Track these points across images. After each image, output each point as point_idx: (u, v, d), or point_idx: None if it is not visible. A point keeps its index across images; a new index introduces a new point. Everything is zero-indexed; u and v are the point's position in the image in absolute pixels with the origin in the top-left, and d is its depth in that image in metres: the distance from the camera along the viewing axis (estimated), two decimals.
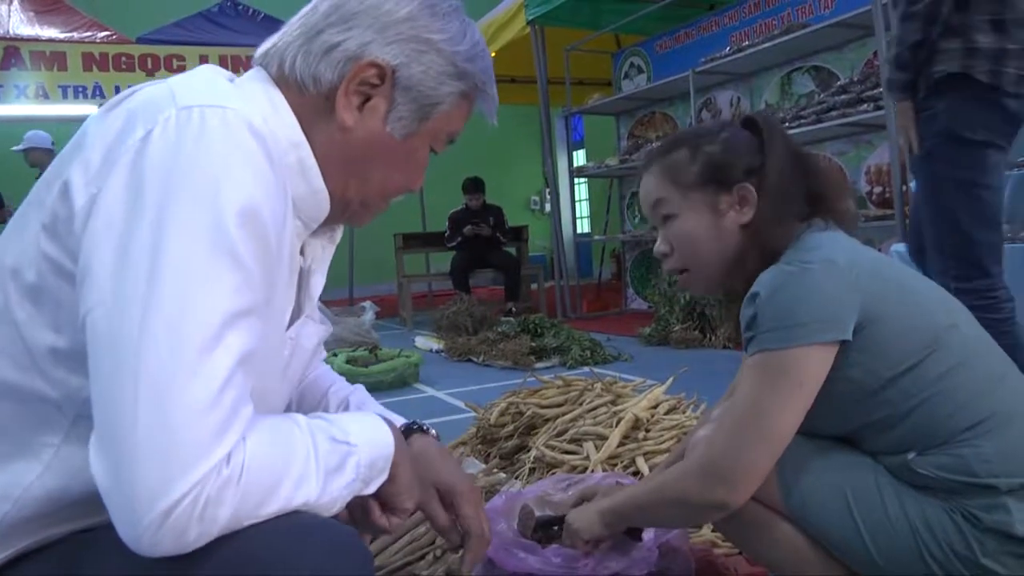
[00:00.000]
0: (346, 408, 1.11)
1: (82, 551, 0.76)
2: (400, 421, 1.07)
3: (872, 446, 1.08)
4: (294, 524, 0.71)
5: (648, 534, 1.25)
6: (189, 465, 0.64)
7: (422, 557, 1.67)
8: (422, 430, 1.04)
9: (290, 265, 0.86)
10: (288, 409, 1.02)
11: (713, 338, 4.82)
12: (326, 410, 1.10)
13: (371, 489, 0.83)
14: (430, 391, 3.92)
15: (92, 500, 0.72)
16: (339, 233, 1.00)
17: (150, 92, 0.77)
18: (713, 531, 1.66)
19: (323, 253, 0.98)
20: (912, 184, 3.38)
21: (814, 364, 1.01)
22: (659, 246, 1.22)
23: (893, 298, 1.05)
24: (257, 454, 0.70)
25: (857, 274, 1.04)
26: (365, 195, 0.94)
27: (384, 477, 0.84)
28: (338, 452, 0.78)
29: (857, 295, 1.02)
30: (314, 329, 0.99)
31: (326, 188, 0.89)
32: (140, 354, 0.65)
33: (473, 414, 2.39)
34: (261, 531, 0.69)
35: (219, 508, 0.66)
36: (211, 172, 0.71)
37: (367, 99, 0.88)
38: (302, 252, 0.94)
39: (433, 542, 1.72)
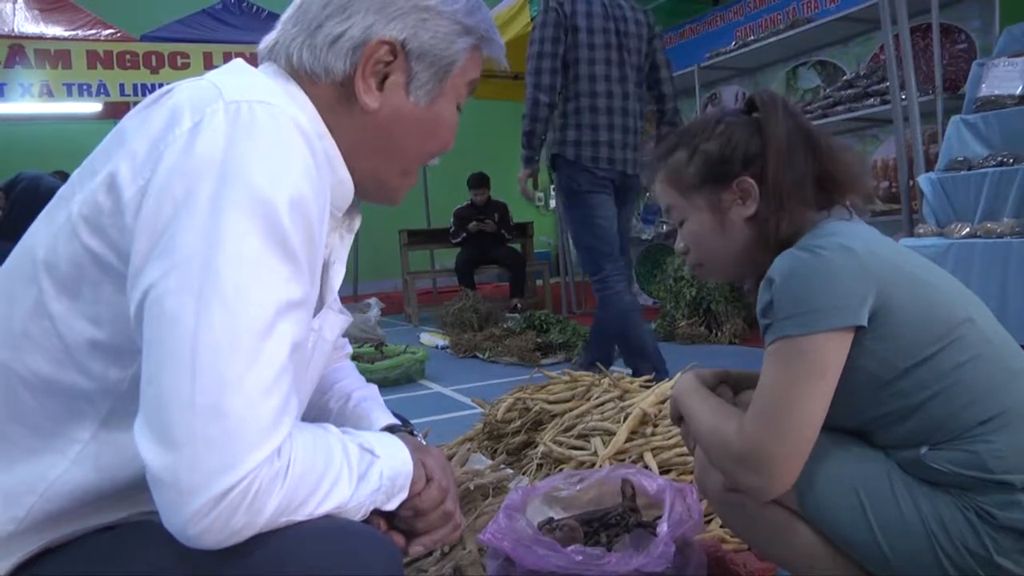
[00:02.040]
0: (346, 403, 1.12)
1: (112, 546, 0.76)
2: (387, 420, 1.07)
3: (884, 440, 1.07)
4: (333, 526, 0.71)
5: (663, 528, 1.24)
6: (247, 452, 0.65)
7: (429, 553, 1.67)
8: (408, 431, 1.05)
9: (322, 257, 0.87)
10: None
11: (719, 333, 4.82)
12: (327, 404, 1.11)
13: (392, 504, 0.83)
14: (436, 387, 3.92)
15: (120, 495, 0.73)
16: (357, 222, 1.01)
17: (192, 87, 0.77)
18: (721, 527, 1.65)
19: (341, 243, 0.99)
20: (920, 179, 3.41)
21: (833, 350, 1.00)
22: (678, 243, 1.24)
23: (909, 288, 1.03)
24: (303, 449, 0.70)
25: (872, 262, 1.03)
26: (403, 167, 0.95)
27: (404, 495, 0.84)
28: (365, 460, 0.79)
29: (872, 282, 1.01)
30: (335, 320, 1.00)
31: (360, 172, 0.90)
32: (197, 339, 0.65)
33: (479, 410, 2.39)
34: (297, 531, 0.69)
35: (268, 499, 0.66)
36: (264, 163, 0.71)
37: (385, 77, 0.89)
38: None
39: None
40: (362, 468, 0.78)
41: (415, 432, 1.06)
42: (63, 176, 4.16)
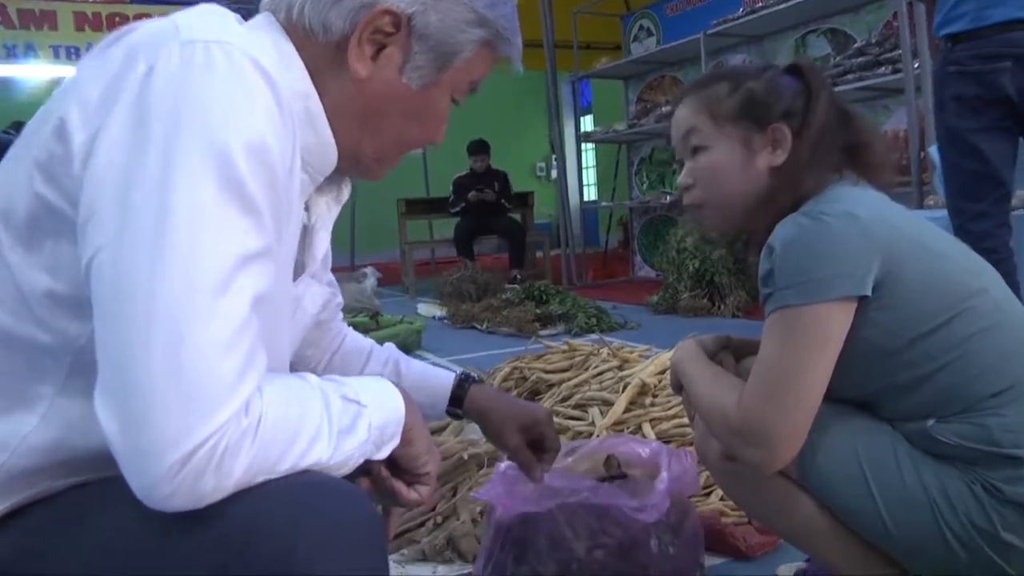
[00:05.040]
0: (396, 368, 1.18)
1: (84, 503, 0.75)
2: (451, 374, 1.16)
3: (890, 411, 1.05)
4: (307, 483, 0.69)
5: (662, 484, 1.25)
6: (209, 410, 0.63)
7: (422, 524, 1.70)
8: (478, 380, 1.12)
9: (296, 218, 0.85)
10: None
11: (722, 306, 4.83)
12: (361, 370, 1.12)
13: (383, 454, 0.81)
14: (433, 358, 3.91)
15: (92, 454, 0.71)
16: (346, 193, 0.99)
17: (153, 26, 0.75)
18: (721, 499, 1.67)
19: (328, 212, 0.96)
20: (931, 149, 3.34)
21: (835, 321, 0.99)
22: (682, 178, 1.20)
23: (917, 257, 1.02)
24: (273, 405, 0.68)
25: (878, 229, 1.01)
26: (380, 148, 0.92)
27: (396, 442, 0.82)
28: (349, 411, 0.76)
29: (877, 250, 0.99)
30: (318, 291, 0.98)
31: (335, 140, 0.87)
32: (152, 296, 0.64)
33: None
34: (274, 488, 0.67)
35: (236, 459, 0.65)
36: (217, 106, 0.68)
37: (381, 48, 0.86)
38: (306, 208, 0.92)
39: (433, 508, 1.73)
40: (346, 420, 0.76)
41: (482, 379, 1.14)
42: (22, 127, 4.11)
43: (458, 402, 1.22)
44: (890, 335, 1.01)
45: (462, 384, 1.22)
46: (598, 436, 1.81)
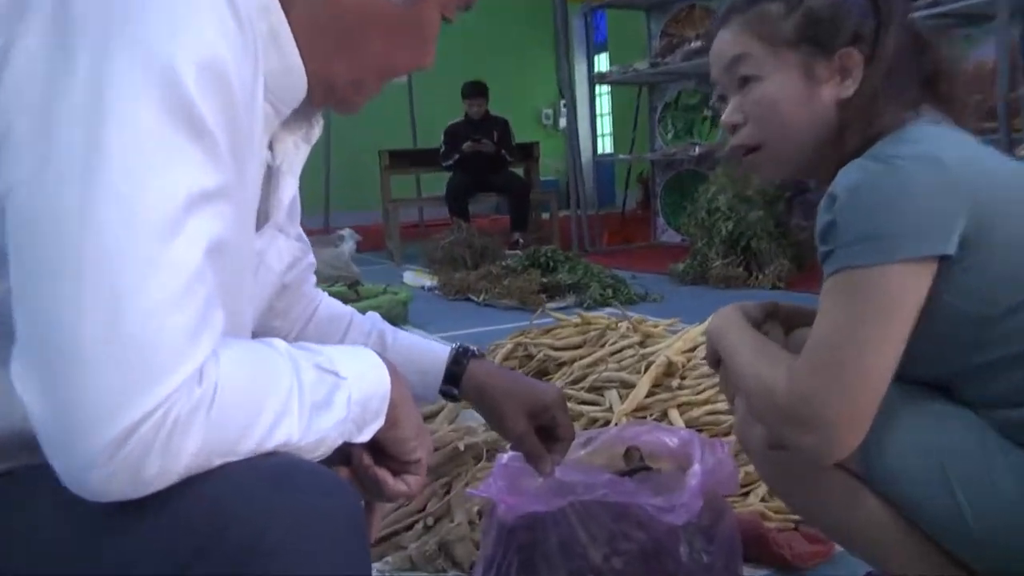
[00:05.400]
0: (381, 340, 1.18)
1: (10, 496, 0.73)
2: (446, 348, 1.17)
3: (976, 395, 1.03)
4: (272, 466, 0.68)
5: (693, 479, 1.22)
6: (155, 378, 0.61)
7: (410, 526, 1.70)
8: (478, 355, 1.13)
9: (258, 158, 0.84)
10: None
11: (760, 276, 4.80)
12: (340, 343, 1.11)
13: (364, 436, 0.80)
14: (421, 334, 3.86)
15: (16, 435, 0.70)
16: (317, 131, 0.97)
17: None
18: (763, 500, 1.66)
19: (296, 153, 0.96)
20: None
21: (909, 285, 0.97)
22: (729, 115, 1.17)
23: (1015, 210, 0.99)
24: (233, 373, 0.67)
25: (966, 175, 0.98)
26: (359, 73, 0.92)
27: (380, 422, 0.81)
28: (325, 384, 0.75)
29: (964, 201, 0.97)
30: (285, 246, 0.98)
31: (304, 65, 0.86)
32: (82, 242, 0.62)
33: None
34: (234, 472, 0.66)
35: (187, 437, 0.63)
36: (162, 15, 0.67)
37: None
38: (270, 147, 0.91)
39: (423, 508, 1.73)
40: (320, 394, 0.74)
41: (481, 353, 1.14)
42: None
43: (454, 380, 1.20)
44: (979, 303, 0.99)
45: (459, 359, 1.20)
46: (617, 424, 1.80)
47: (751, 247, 4.89)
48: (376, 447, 0.84)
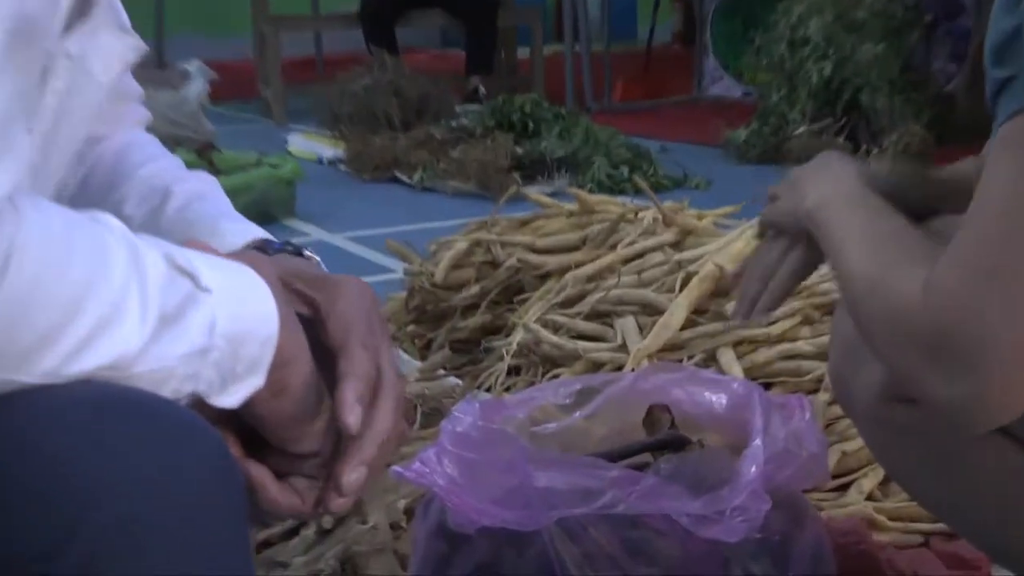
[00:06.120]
0: (162, 204, 0.95)
1: None
2: (249, 234, 0.92)
3: None
4: (95, 394, 0.56)
5: (753, 465, 1.01)
6: None
7: (296, 530, 1.50)
8: (293, 252, 0.92)
9: None
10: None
11: (876, 150, 3.89)
12: (120, 208, 0.94)
13: (230, 398, 0.62)
14: (316, 231, 3.38)
15: None
16: None
17: None
18: (870, 498, 1.48)
19: None
20: None
21: None
22: None
23: None
24: (40, 242, 0.55)
25: None
26: None
27: (257, 382, 0.63)
28: (179, 288, 0.61)
29: None
30: (112, 43, 0.79)
31: None
32: None
33: (400, 271, 2.23)
34: (27, 404, 0.55)
35: None
36: None
37: None
38: None
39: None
40: (171, 300, 0.60)
41: (306, 254, 0.90)
42: None
43: None
44: None
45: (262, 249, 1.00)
46: (634, 369, 1.58)
47: (860, 103, 3.98)
48: (250, 428, 0.69)
